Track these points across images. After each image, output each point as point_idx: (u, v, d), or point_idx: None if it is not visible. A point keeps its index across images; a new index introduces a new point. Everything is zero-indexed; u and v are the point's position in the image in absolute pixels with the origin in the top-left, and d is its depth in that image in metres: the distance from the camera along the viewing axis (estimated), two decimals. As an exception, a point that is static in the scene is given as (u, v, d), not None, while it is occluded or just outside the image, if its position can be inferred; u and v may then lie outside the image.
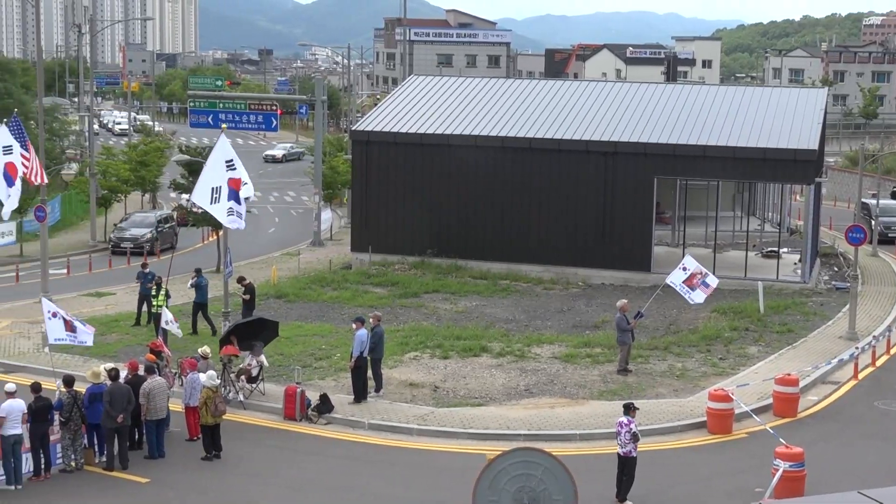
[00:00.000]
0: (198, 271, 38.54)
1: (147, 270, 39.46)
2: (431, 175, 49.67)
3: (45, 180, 36.29)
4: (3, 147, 32.82)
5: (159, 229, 61.64)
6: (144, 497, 22.83)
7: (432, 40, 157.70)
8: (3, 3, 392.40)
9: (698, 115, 49.72)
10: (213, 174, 29.45)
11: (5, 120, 34.52)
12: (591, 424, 27.63)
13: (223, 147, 29.78)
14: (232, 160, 29.50)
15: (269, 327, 31.22)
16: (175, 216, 65.34)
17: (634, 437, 22.04)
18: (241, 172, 29.98)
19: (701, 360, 34.28)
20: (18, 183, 33.02)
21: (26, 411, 23.10)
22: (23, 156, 33.45)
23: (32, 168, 34.15)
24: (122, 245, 59.74)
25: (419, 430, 27.44)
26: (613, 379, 31.91)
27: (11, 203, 33.56)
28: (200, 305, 38.09)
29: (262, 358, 30.10)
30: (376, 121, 51.79)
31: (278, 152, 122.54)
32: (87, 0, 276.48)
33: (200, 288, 38.17)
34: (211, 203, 29.37)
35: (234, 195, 29.74)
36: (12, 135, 33.14)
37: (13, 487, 22.79)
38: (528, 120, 50.02)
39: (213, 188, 29.27)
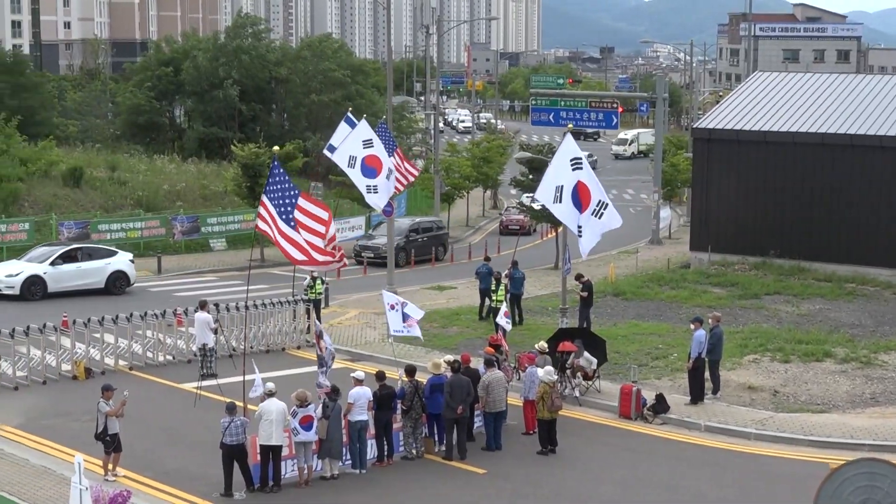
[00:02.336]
0: (514, 264, 38.99)
1: (488, 265, 40.22)
2: (774, 174, 48.39)
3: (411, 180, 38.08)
4: (364, 141, 34.27)
5: (411, 239, 56.28)
6: (481, 487, 23.29)
7: (778, 35, 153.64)
8: (356, 6, 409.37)
9: None
10: (558, 173, 29.59)
11: (365, 119, 35.96)
12: (942, 438, 26.24)
13: (569, 146, 29.82)
14: (579, 159, 29.46)
15: (597, 346, 30.66)
16: (438, 226, 60.54)
17: None
18: (588, 177, 29.54)
19: None
20: (383, 178, 34.23)
21: (372, 399, 23.99)
22: (397, 167, 35.26)
23: (402, 173, 36.00)
24: (362, 255, 54.30)
25: (756, 435, 26.80)
26: (968, 390, 30.16)
27: (379, 197, 34.78)
28: (515, 297, 38.63)
29: (587, 356, 29.89)
30: (718, 118, 50.95)
31: (624, 149, 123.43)
32: (435, 2, 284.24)
33: (515, 280, 38.73)
34: (553, 202, 29.57)
35: (578, 202, 29.36)
36: (381, 140, 34.63)
37: (358, 471, 23.73)
38: (879, 117, 47.93)
39: (556, 187, 29.45)
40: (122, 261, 44.60)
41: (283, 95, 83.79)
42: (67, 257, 43.51)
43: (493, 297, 37.08)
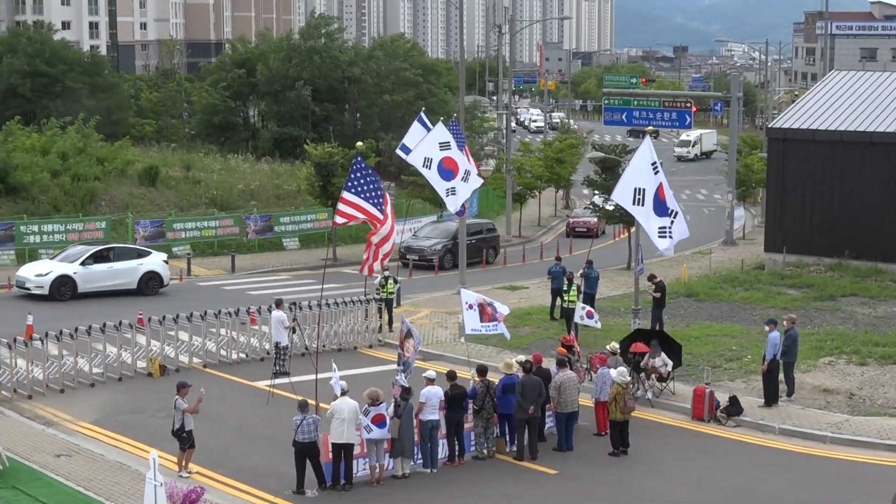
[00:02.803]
0: (589, 263, 38.82)
1: (560, 265, 40.12)
2: (850, 174, 47.73)
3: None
4: (441, 143, 34.29)
5: (457, 240, 51.03)
6: (552, 488, 23.22)
7: (855, 34, 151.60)
8: (429, 6, 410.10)
9: None
10: (637, 176, 29.35)
11: (442, 118, 36.12)
12: None
13: (647, 149, 29.55)
14: (656, 164, 29.18)
15: (673, 349, 30.38)
16: (487, 228, 58.00)
17: None
18: (665, 183, 29.28)
19: None
20: (460, 180, 34.24)
21: (443, 398, 24.00)
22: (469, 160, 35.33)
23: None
24: (407, 256, 52.76)
25: (832, 439, 26.46)
26: None
27: (457, 199, 34.81)
28: (589, 296, 38.48)
29: (663, 358, 29.69)
30: (794, 118, 50.37)
31: (687, 150, 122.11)
32: (508, 1, 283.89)
33: (589, 279, 38.58)
34: (633, 204, 29.35)
35: (659, 205, 29.15)
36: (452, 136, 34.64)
37: (429, 471, 23.76)
38: (960, 116, 47.16)
39: (635, 189, 29.19)
40: (155, 261, 43.94)
41: (355, 95, 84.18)
42: (99, 257, 42.80)
43: (566, 298, 36.95)
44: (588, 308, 32.89)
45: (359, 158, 26.08)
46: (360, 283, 39.13)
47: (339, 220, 25.50)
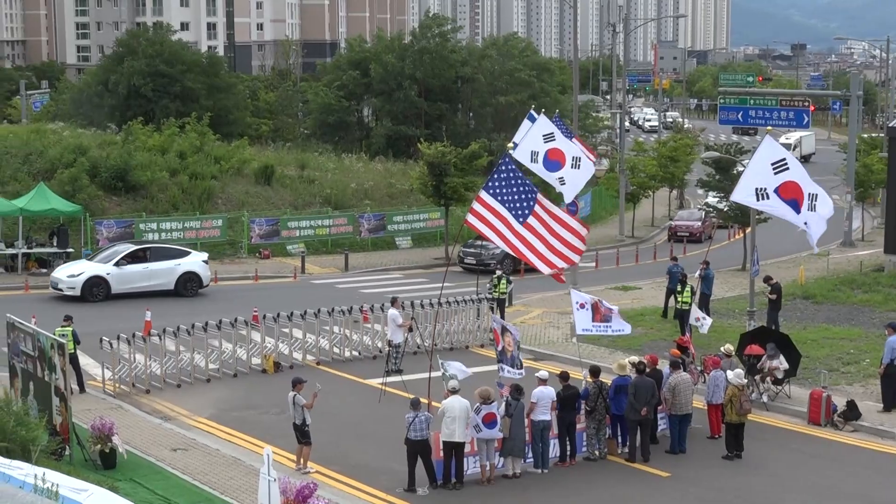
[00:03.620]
0: (706, 263, 38.37)
1: (678, 265, 39.80)
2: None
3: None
4: (545, 135, 34.10)
5: None
6: (665, 490, 23.01)
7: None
8: (542, 5, 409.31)
9: None
10: (758, 176, 28.90)
11: (544, 111, 35.95)
12: None
13: (770, 147, 29.03)
14: (783, 161, 28.58)
15: (792, 357, 29.78)
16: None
17: None
18: (797, 174, 28.65)
19: None
20: (569, 168, 33.92)
21: (555, 399, 23.92)
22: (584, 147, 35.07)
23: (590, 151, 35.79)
24: (465, 260, 51.19)
25: (954, 445, 25.85)
26: None
27: (568, 188, 34.52)
28: (705, 297, 38.02)
29: (780, 360, 29.22)
30: (916, 117, 49.24)
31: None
32: (622, 0, 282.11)
33: (707, 280, 38.15)
34: (758, 200, 28.91)
35: (789, 203, 28.60)
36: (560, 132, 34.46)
37: (540, 471, 23.70)
38: None
39: (755, 189, 28.73)
40: (194, 261, 43.09)
41: (468, 95, 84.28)
42: (134, 257, 42.05)
43: (679, 299, 36.60)
44: (698, 313, 32.47)
45: (506, 160, 25.87)
46: (473, 282, 39.19)
47: (471, 219, 25.25)
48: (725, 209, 54.06)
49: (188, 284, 42.65)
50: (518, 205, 25.22)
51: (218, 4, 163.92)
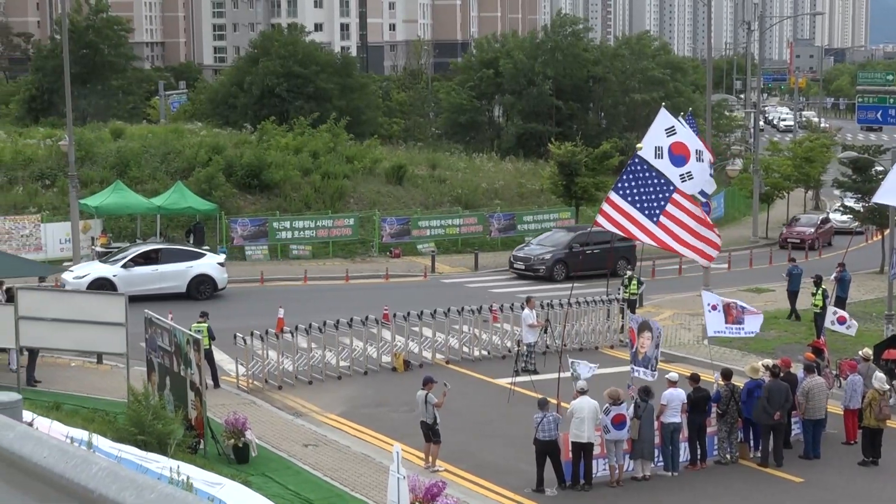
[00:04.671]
0: (842, 266, 37.59)
1: (798, 267, 39.21)
2: None
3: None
4: (666, 129, 33.64)
5: (574, 251, 48.00)
6: (798, 496, 22.61)
7: None
8: (675, 3, 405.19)
9: None
10: None
11: (664, 108, 35.52)
12: None
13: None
14: None
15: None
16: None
17: None
18: None
19: None
20: (694, 161, 33.45)
21: (685, 401, 23.67)
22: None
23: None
24: (515, 265, 49.53)
25: None
26: None
27: (695, 183, 34.04)
28: (841, 300, 37.28)
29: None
30: None
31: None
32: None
33: (843, 282, 37.40)
34: None
35: None
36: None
37: (670, 474, 23.47)
38: None
39: None
40: (208, 264, 41.38)
41: (600, 94, 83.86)
42: (146, 258, 40.63)
43: (813, 301, 35.93)
44: (841, 313, 31.79)
45: (636, 160, 25.69)
46: (603, 282, 38.98)
47: (601, 220, 25.17)
48: (862, 210, 52.86)
49: (201, 287, 40.91)
50: (651, 204, 24.99)
51: (351, 5, 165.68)
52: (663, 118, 33.28)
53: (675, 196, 25.23)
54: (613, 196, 25.10)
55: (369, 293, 43.34)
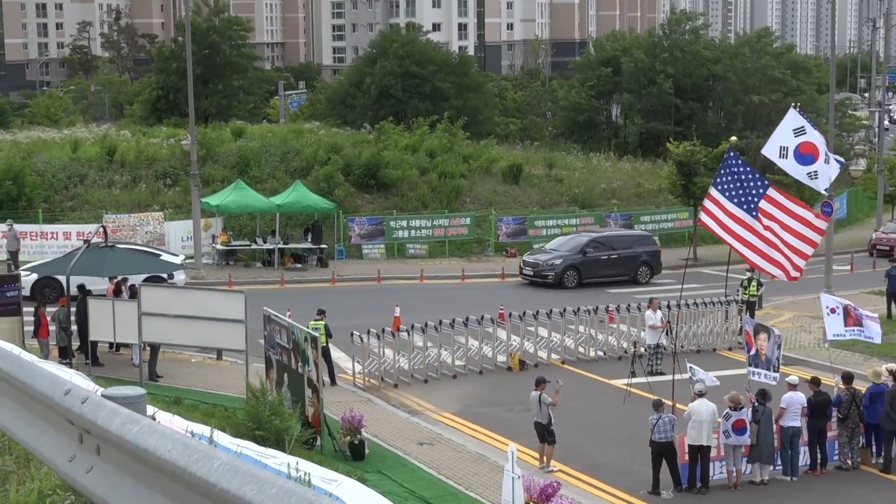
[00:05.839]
0: None
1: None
2: None
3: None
4: (794, 129, 33.15)
5: (588, 255, 46.41)
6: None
7: None
8: (798, 1, 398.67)
9: None
10: None
11: (794, 104, 35.02)
12: None
13: None
14: None
15: None
16: (640, 240, 49.71)
17: None
18: None
19: None
20: (822, 162, 32.95)
21: (805, 405, 23.30)
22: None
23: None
24: (524, 271, 46.67)
25: None
26: None
27: (820, 181, 33.52)
28: None
29: None
30: None
31: None
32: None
33: None
34: None
35: None
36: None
37: (789, 478, 23.11)
38: None
39: None
40: (173, 263, 38.49)
41: (720, 93, 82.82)
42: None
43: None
44: None
45: (731, 154, 25.47)
46: (721, 283, 38.51)
47: (704, 218, 25.03)
48: None
49: None
50: (748, 197, 24.70)
51: (469, 5, 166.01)
52: (792, 118, 32.78)
53: (770, 191, 24.79)
54: (713, 192, 24.87)
55: (485, 292, 43.38)
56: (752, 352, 25.09)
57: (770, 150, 32.38)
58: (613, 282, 46.11)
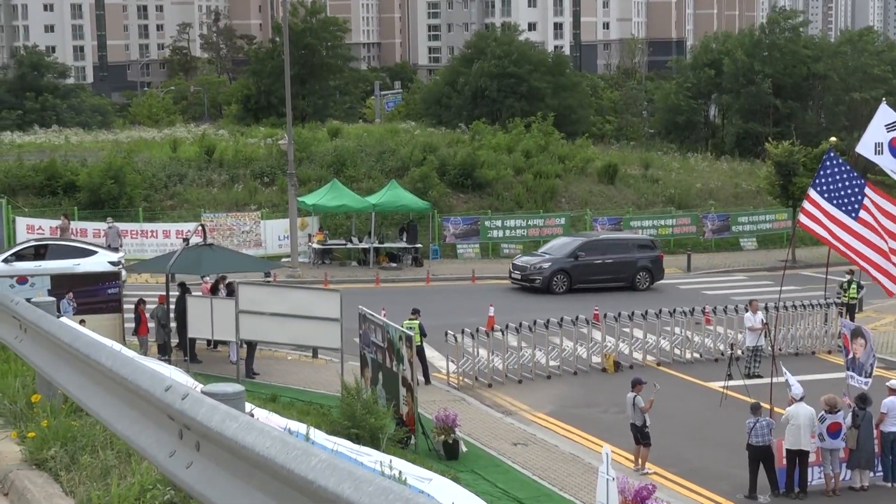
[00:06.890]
0: None
1: None
2: None
3: None
4: (887, 125, 32.53)
5: (580, 260, 43.76)
6: None
7: None
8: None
9: None
10: None
11: (884, 102, 34.34)
12: None
13: None
14: None
15: None
16: (638, 244, 46.67)
17: None
18: None
19: None
20: None
21: (907, 409, 22.87)
22: None
23: None
24: (513, 275, 44.38)
25: None
26: None
27: None
28: None
29: None
30: None
31: None
32: None
33: None
34: None
35: None
36: None
37: (890, 485, 22.69)
38: None
39: None
40: (98, 262, 36.26)
41: (820, 92, 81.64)
42: (34, 253, 37.18)
43: None
44: None
45: (831, 154, 25.09)
46: (820, 285, 37.94)
47: (804, 219, 24.68)
48: None
49: None
50: (848, 199, 24.28)
51: (565, 4, 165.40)
52: (885, 113, 32.19)
53: (868, 191, 24.32)
54: (813, 194, 24.48)
55: (579, 293, 43.15)
56: (850, 356, 24.70)
57: (864, 148, 31.83)
58: (609, 288, 43.73)
